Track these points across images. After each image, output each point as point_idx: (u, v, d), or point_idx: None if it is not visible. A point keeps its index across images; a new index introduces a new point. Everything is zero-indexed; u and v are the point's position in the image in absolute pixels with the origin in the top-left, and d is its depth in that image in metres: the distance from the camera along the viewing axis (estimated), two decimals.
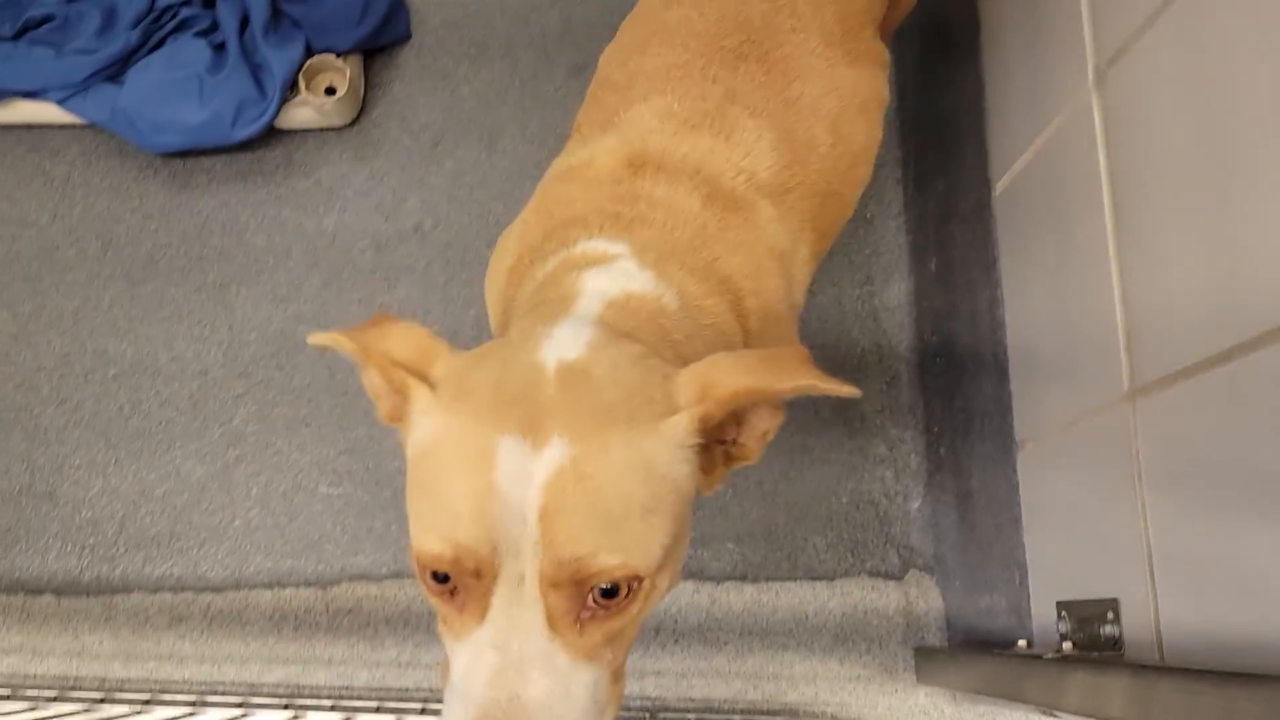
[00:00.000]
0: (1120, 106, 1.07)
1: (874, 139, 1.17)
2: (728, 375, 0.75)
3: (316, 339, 0.81)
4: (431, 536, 0.71)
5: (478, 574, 0.70)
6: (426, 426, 0.75)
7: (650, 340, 0.85)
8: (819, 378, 0.75)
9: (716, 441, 0.81)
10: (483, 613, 0.71)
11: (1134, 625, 1.04)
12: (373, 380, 0.84)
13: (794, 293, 1.10)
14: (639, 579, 0.72)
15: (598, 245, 0.96)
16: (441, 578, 0.72)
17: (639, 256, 0.94)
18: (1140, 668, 0.89)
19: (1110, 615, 1.08)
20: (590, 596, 0.71)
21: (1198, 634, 0.94)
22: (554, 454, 0.69)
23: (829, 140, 1.10)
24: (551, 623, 0.71)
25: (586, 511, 0.69)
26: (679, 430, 0.73)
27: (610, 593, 0.71)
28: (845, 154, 1.12)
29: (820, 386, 0.75)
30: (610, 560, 0.69)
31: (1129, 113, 1.05)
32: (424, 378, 0.78)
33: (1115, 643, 1.06)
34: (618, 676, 0.78)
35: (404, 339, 0.81)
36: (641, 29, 1.16)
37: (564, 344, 0.78)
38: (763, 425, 0.82)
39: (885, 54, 1.21)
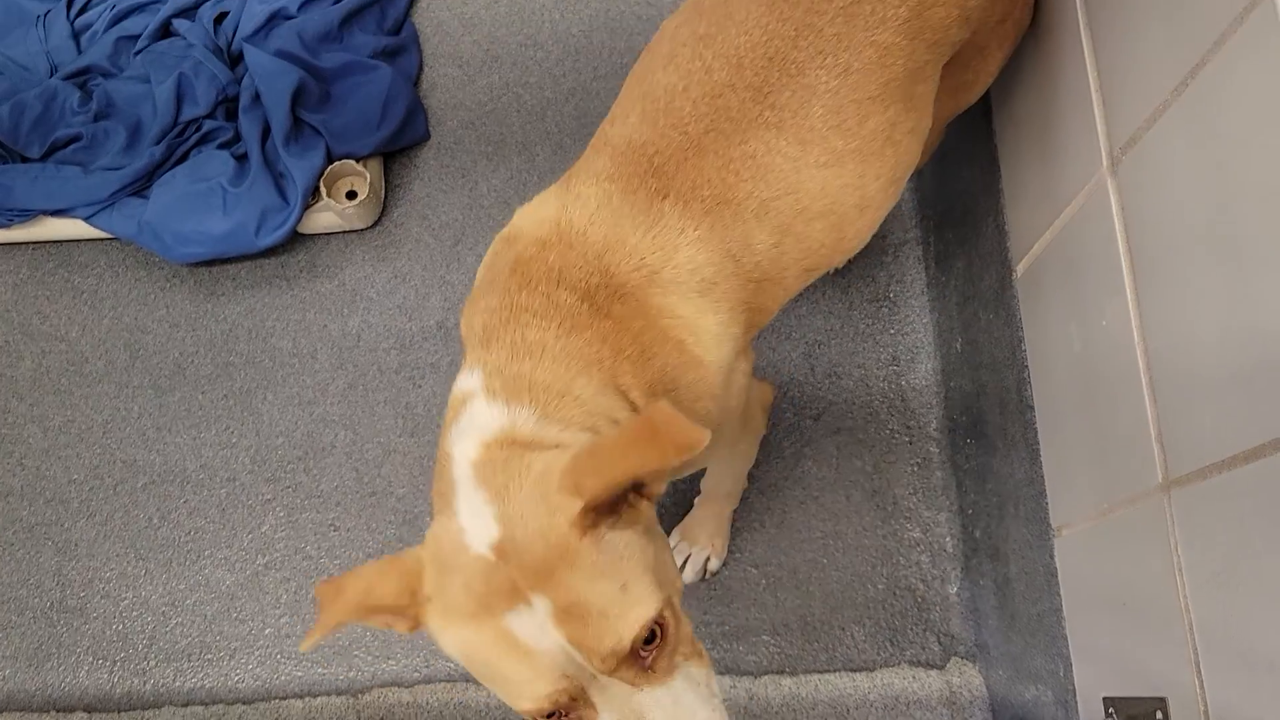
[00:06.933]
0: (1137, 191, 1.06)
1: (842, 237, 1.15)
2: (588, 479, 0.88)
3: (309, 645, 0.95)
4: (527, 703, 0.90)
5: (574, 700, 0.90)
6: (450, 639, 0.93)
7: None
8: (655, 451, 0.86)
9: (623, 496, 0.94)
10: (595, 714, 0.91)
11: None
12: (382, 620, 0.97)
13: (710, 376, 1.11)
14: (658, 619, 0.90)
15: (460, 384, 1.06)
16: (550, 715, 0.91)
17: (488, 386, 1.02)
18: None
19: (1159, 715, 1.04)
20: (640, 652, 0.90)
21: None
22: (541, 606, 0.87)
23: (771, 241, 1.10)
24: (634, 681, 0.90)
25: (591, 623, 0.87)
26: (590, 537, 0.89)
27: (649, 640, 0.90)
28: (793, 250, 1.12)
29: (654, 466, 0.87)
30: (630, 632, 0.88)
31: (1146, 198, 1.04)
32: (422, 601, 0.94)
33: None
34: (697, 655, 0.96)
35: (383, 581, 0.94)
36: (638, 86, 1.16)
37: (480, 529, 0.92)
38: (650, 480, 0.95)
39: (907, 138, 1.16)
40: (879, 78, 1.09)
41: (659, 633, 0.91)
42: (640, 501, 0.95)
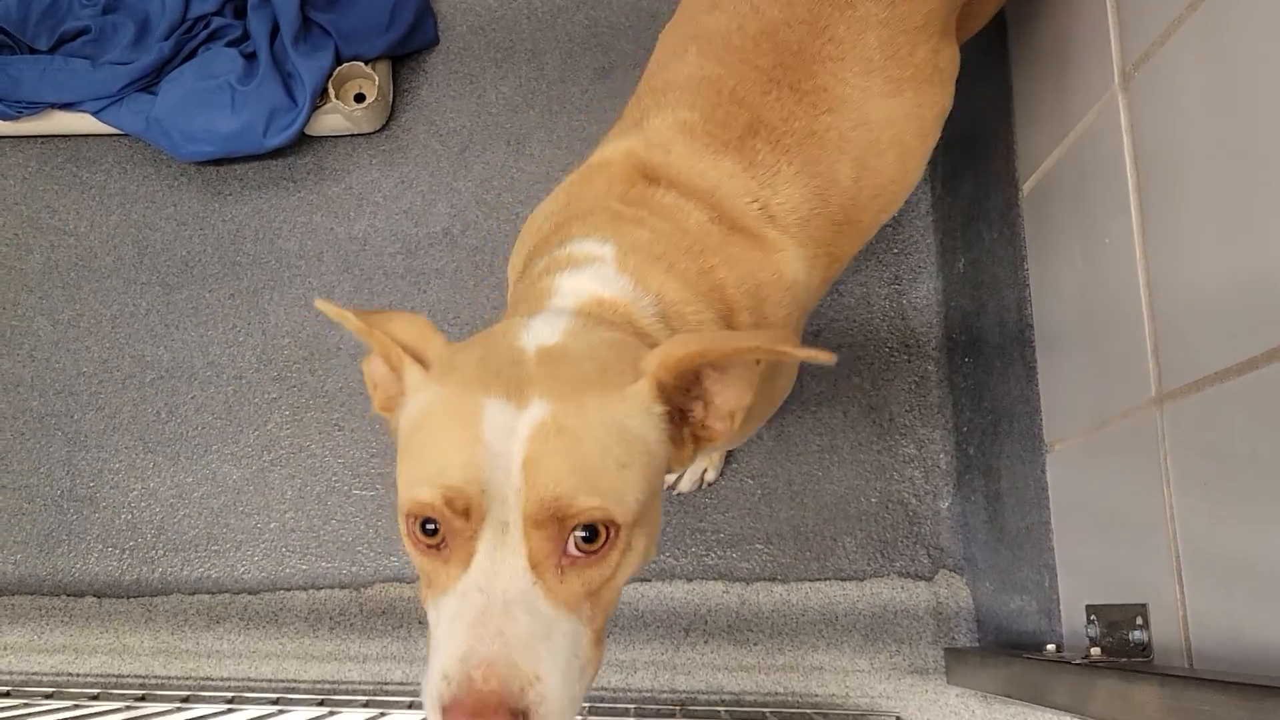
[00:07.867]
0: (1147, 109, 1.06)
1: (906, 170, 1.16)
2: (683, 346, 0.79)
3: (324, 307, 0.84)
4: (423, 487, 0.75)
5: (466, 514, 0.74)
6: (419, 400, 0.80)
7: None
8: (772, 343, 0.79)
9: (682, 415, 0.85)
10: (468, 559, 0.75)
11: (1163, 631, 1.04)
12: (373, 368, 0.89)
13: (796, 313, 1.11)
14: (615, 526, 0.76)
15: (585, 246, 0.99)
16: (430, 530, 0.76)
17: (621, 261, 0.97)
18: (1168, 676, 0.89)
19: (1139, 620, 1.08)
20: (570, 541, 0.75)
21: (1227, 640, 0.94)
22: (535, 411, 0.75)
23: (852, 175, 1.10)
24: (534, 565, 0.74)
25: (566, 458, 0.74)
26: (642, 395, 0.79)
27: (589, 538, 0.75)
28: (869, 186, 1.13)
29: (766, 349, 0.79)
30: (589, 501, 0.74)
31: (1156, 115, 1.05)
32: (420, 359, 0.83)
33: (1144, 649, 1.06)
34: (598, 639, 0.80)
35: (406, 324, 0.86)
36: (684, 30, 1.16)
37: (543, 332, 0.84)
38: (727, 404, 0.86)
39: (949, 66, 1.18)
40: (922, 8, 1.11)
41: (601, 540, 0.76)
42: (690, 440, 0.86)
